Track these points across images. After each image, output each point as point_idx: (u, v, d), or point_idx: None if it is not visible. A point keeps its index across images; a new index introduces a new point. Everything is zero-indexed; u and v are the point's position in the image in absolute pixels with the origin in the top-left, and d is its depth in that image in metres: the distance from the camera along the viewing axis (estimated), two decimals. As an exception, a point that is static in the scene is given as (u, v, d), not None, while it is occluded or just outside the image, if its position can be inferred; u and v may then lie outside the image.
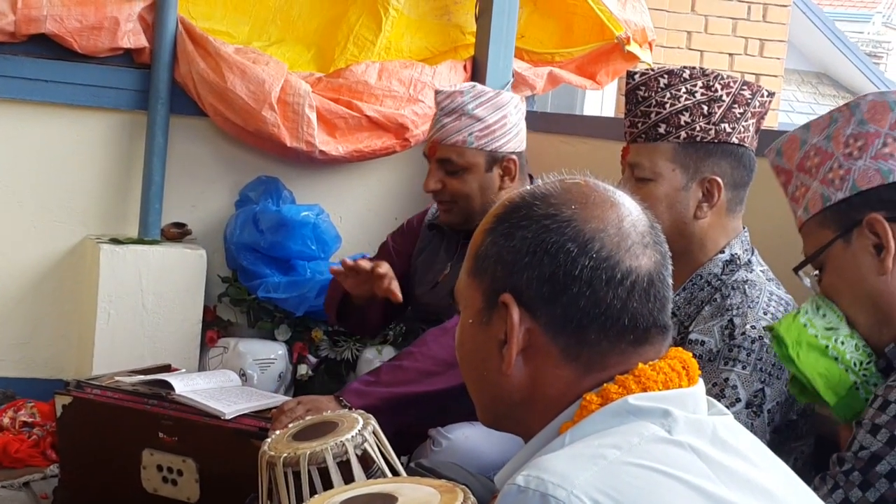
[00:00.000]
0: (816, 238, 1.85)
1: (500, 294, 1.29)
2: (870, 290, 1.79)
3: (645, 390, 1.24)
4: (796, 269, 1.92)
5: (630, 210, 1.31)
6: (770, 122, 6.49)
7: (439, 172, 3.03)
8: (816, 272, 1.88)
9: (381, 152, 4.00)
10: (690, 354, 1.31)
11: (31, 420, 3.54)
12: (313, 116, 3.83)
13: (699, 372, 1.31)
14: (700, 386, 1.30)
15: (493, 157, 3.01)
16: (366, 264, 2.96)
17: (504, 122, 3.03)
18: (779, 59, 7.65)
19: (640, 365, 1.26)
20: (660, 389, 1.25)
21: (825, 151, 1.84)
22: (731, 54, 7.49)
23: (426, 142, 3.11)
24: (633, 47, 4.23)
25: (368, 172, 4.16)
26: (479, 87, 3.10)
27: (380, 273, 2.94)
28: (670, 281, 1.32)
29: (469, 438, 2.72)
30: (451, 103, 3.01)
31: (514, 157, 3.03)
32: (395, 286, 2.94)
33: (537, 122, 3.92)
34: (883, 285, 1.78)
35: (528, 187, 1.34)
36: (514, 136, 3.05)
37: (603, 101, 6.51)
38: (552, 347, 1.27)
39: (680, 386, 1.27)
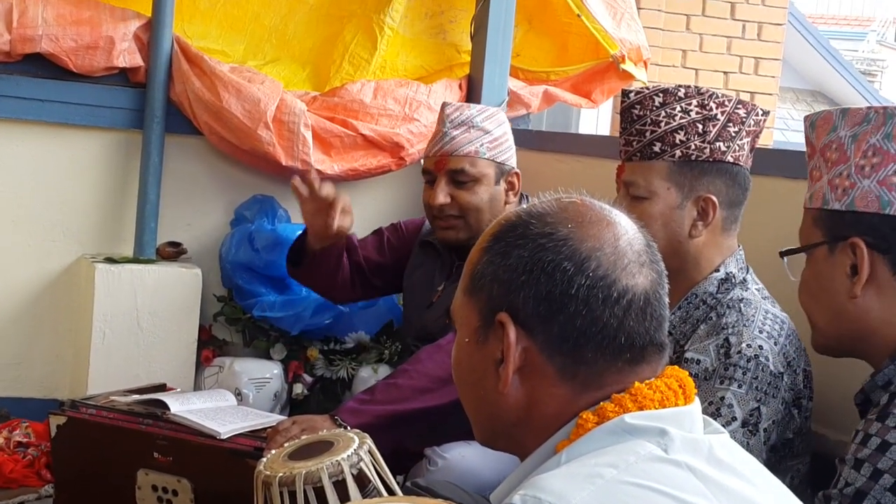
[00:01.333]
0: (809, 230, 1.87)
1: (497, 313, 1.29)
2: (838, 308, 1.81)
3: (641, 409, 1.24)
4: (783, 254, 1.94)
5: (626, 229, 1.31)
6: (765, 141, 6.50)
7: (448, 186, 3.02)
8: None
9: (376, 171, 4.00)
10: (687, 373, 1.31)
11: (25, 440, 3.52)
12: (309, 135, 3.82)
13: (695, 390, 1.31)
14: (696, 404, 1.30)
15: (502, 170, 3.04)
16: (325, 190, 3.12)
17: (506, 136, 3.09)
18: (773, 77, 7.68)
19: (637, 383, 1.26)
20: (656, 408, 1.25)
21: (845, 152, 1.81)
22: (725, 72, 7.51)
23: (429, 157, 3.10)
24: (628, 66, 4.24)
25: (364, 191, 4.15)
26: (476, 104, 3.13)
27: (334, 201, 3.10)
28: (667, 299, 1.32)
29: (465, 458, 2.72)
30: (459, 115, 3.03)
31: (517, 171, 3.07)
32: (346, 221, 3.12)
33: (532, 140, 3.93)
34: (852, 306, 1.79)
35: (524, 206, 1.34)
36: (513, 153, 3.11)
37: (598, 119, 6.53)
38: (548, 366, 1.27)
39: (676, 404, 1.27)
